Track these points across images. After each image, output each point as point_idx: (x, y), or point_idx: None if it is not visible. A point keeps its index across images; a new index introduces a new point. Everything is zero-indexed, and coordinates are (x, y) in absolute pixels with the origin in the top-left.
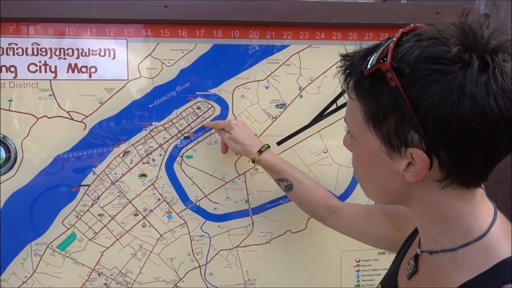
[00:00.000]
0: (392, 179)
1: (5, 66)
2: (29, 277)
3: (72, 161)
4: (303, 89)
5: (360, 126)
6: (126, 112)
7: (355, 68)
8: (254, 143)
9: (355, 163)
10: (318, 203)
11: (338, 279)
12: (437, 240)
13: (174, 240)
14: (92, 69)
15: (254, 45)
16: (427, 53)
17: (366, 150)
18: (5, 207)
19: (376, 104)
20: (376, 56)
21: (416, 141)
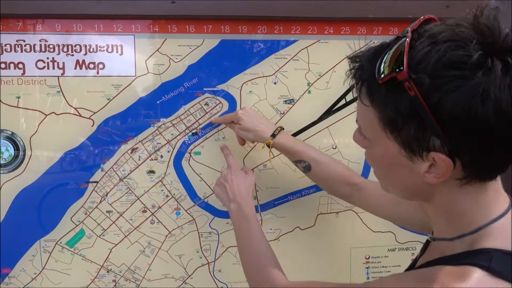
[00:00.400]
0: (412, 179)
1: (13, 62)
2: (38, 274)
3: (80, 158)
4: (311, 84)
5: (376, 131)
6: (134, 109)
7: (365, 72)
8: (266, 128)
9: (370, 163)
10: (338, 182)
11: (348, 276)
12: (442, 230)
13: (182, 237)
14: (99, 65)
15: (262, 41)
16: (445, 58)
17: (384, 154)
18: (14, 204)
19: (394, 113)
20: (388, 61)
21: (438, 146)
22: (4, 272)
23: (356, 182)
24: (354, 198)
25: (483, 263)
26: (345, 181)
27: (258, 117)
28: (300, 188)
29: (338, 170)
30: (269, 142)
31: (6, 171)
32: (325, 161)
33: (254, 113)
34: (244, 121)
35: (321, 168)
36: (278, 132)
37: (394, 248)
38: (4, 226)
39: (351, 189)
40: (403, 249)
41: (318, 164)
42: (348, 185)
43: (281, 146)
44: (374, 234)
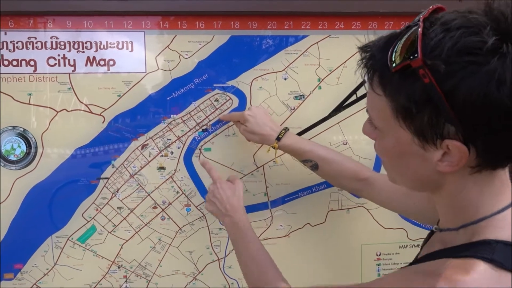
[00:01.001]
0: (424, 168)
1: (24, 60)
2: (50, 269)
3: (91, 154)
4: (322, 80)
5: (388, 120)
6: (144, 105)
7: (377, 62)
8: (271, 131)
9: (381, 154)
10: (347, 178)
11: (358, 272)
12: (448, 221)
13: (193, 233)
14: (110, 62)
15: (272, 36)
16: (459, 44)
17: (396, 143)
18: (26, 200)
19: (407, 100)
20: (400, 48)
21: (453, 133)
22: (17, 267)
23: (365, 176)
24: (365, 193)
25: (486, 255)
26: (354, 176)
27: (264, 119)
28: (311, 185)
29: (347, 166)
30: (274, 145)
31: (18, 167)
32: (333, 158)
33: (261, 113)
34: (250, 123)
35: (329, 165)
36: (283, 135)
37: (405, 245)
38: (16, 222)
39: (361, 184)
40: (415, 246)
41: (325, 162)
42: (357, 181)
43: (287, 148)
44: (385, 231)
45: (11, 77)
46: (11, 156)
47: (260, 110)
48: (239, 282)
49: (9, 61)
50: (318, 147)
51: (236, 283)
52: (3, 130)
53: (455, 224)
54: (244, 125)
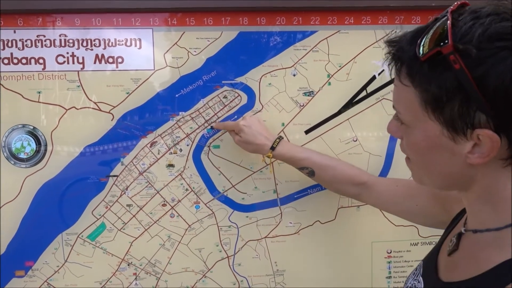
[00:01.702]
0: (454, 162)
1: (34, 58)
2: (61, 267)
3: (101, 152)
4: (331, 76)
5: (416, 113)
6: (152, 102)
7: (405, 54)
8: (266, 140)
9: (409, 150)
10: (344, 183)
11: (369, 270)
12: (484, 220)
13: (202, 231)
14: (118, 59)
15: (281, 32)
16: (490, 30)
17: (425, 136)
18: (36, 197)
19: (437, 89)
20: (429, 39)
21: (484, 122)
22: (28, 265)
23: (363, 180)
24: (364, 197)
25: None
26: (351, 181)
27: (259, 128)
28: None
29: (343, 172)
30: (268, 155)
31: (28, 165)
32: (329, 165)
33: (255, 123)
34: (244, 133)
35: (325, 172)
36: (277, 144)
37: (416, 243)
38: (27, 219)
39: (359, 188)
40: (426, 243)
41: (321, 168)
42: (355, 185)
43: (282, 156)
44: (396, 228)
45: (20, 75)
46: (21, 154)
47: (254, 120)
48: (248, 280)
49: (19, 59)
50: (313, 154)
51: (246, 281)
52: (13, 128)
53: (496, 223)
54: (238, 135)
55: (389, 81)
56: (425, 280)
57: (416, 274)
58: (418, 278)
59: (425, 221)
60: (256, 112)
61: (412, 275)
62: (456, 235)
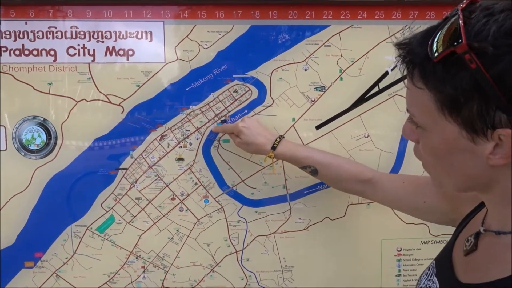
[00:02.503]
0: (474, 164)
1: (45, 49)
2: (70, 258)
3: (110, 145)
4: (343, 71)
5: (432, 115)
6: (163, 96)
7: (416, 56)
8: (266, 140)
9: (426, 154)
10: (349, 181)
11: (378, 268)
12: (507, 222)
13: (211, 225)
14: (129, 52)
15: (293, 26)
16: (505, 26)
17: (442, 139)
18: (46, 189)
19: (454, 90)
20: (441, 39)
21: (505, 121)
22: (37, 256)
23: (367, 177)
24: (369, 194)
25: None
26: (355, 178)
27: (258, 129)
28: None
29: (347, 169)
30: (270, 155)
31: (38, 157)
32: (332, 162)
33: (254, 124)
34: (244, 135)
35: (329, 170)
36: (278, 143)
37: (427, 241)
38: (36, 211)
39: (364, 185)
40: (437, 242)
41: (324, 166)
42: (360, 182)
43: (283, 156)
44: (406, 226)
45: (31, 67)
46: (32, 145)
47: (253, 121)
48: (256, 275)
49: (30, 51)
50: (315, 152)
51: (254, 276)
52: (23, 119)
53: None
54: (238, 137)
55: (402, 77)
56: (440, 280)
57: (429, 274)
58: (432, 279)
59: (433, 218)
60: (267, 107)
61: (424, 275)
62: (474, 235)
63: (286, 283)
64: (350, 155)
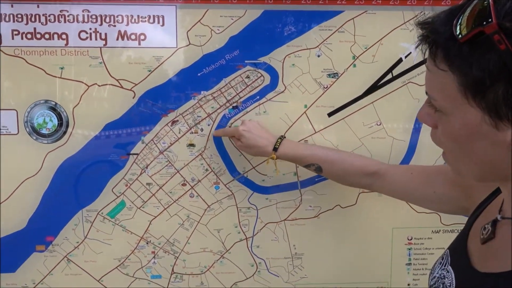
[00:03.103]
0: (495, 151)
1: (56, 33)
2: (81, 243)
3: (122, 130)
4: (357, 57)
5: (454, 99)
6: (174, 81)
7: (440, 36)
8: (267, 142)
9: (444, 139)
10: (354, 175)
11: (389, 256)
12: None
13: (221, 211)
14: (141, 36)
15: (306, 11)
16: None
17: (463, 124)
18: (57, 173)
19: (480, 73)
20: (467, 18)
21: None
22: (48, 240)
23: (373, 170)
24: (377, 187)
25: None
26: (361, 172)
27: (259, 131)
28: None
29: (351, 163)
30: (272, 156)
31: (50, 141)
32: (335, 158)
33: (255, 126)
34: (245, 138)
35: (332, 166)
36: (279, 144)
37: (438, 230)
38: (48, 195)
39: (370, 178)
40: (448, 231)
41: (327, 163)
42: (365, 176)
43: (285, 156)
44: (417, 215)
45: (43, 51)
46: (43, 129)
47: (254, 124)
48: (266, 262)
49: (42, 34)
50: (317, 149)
51: (264, 263)
52: (35, 103)
53: None
54: (239, 140)
55: (416, 64)
56: (455, 269)
57: (443, 263)
58: (446, 268)
59: (444, 208)
60: (279, 93)
61: (438, 264)
62: (491, 223)
63: (296, 270)
64: (362, 142)
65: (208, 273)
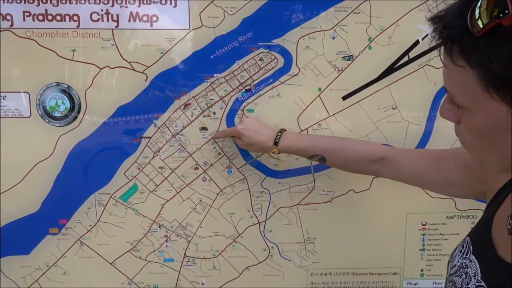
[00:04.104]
0: None
1: (68, 15)
2: (93, 226)
3: (134, 113)
4: (372, 39)
5: (475, 95)
6: (187, 63)
7: (454, 30)
8: (267, 137)
9: (469, 135)
10: (360, 162)
11: (402, 242)
12: None
13: (233, 196)
14: (153, 18)
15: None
16: None
17: (488, 119)
18: (70, 157)
19: (500, 66)
20: (483, 10)
21: None
22: (61, 223)
23: (379, 156)
24: (384, 172)
25: None
26: (366, 159)
27: (258, 127)
28: None
29: (355, 151)
30: (274, 150)
31: (62, 124)
32: (338, 147)
33: (253, 123)
34: (245, 136)
35: (336, 155)
36: (279, 138)
37: (453, 216)
38: (60, 178)
39: (377, 164)
40: (463, 217)
41: (331, 152)
42: (371, 162)
43: (288, 149)
44: (432, 200)
45: (55, 33)
46: (55, 112)
47: (252, 120)
48: (279, 247)
49: (53, 16)
50: (319, 139)
51: (276, 248)
52: (47, 86)
53: None
54: (239, 139)
55: (433, 46)
56: (480, 259)
57: (464, 252)
58: (469, 257)
59: (458, 193)
60: (293, 76)
61: (458, 252)
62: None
63: (308, 255)
64: (377, 126)
65: (220, 257)
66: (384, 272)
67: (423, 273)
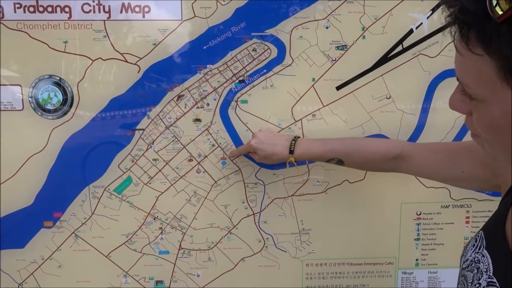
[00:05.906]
0: None
1: (59, 6)
2: (88, 219)
3: (127, 105)
4: (366, 29)
5: (492, 85)
6: (179, 54)
7: (471, 15)
8: (282, 147)
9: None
10: (377, 161)
11: (397, 232)
12: None
13: (228, 187)
14: (145, 8)
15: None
16: None
17: (504, 112)
18: (63, 150)
19: None
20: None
21: None
22: (56, 216)
23: (396, 153)
24: (402, 168)
25: None
26: (383, 157)
27: (271, 139)
28: None
29: (372, 151)
30: (290, 159)
31: (55, 117)
32: (354, 148)
33: (266, 136)
34: (260, 150)
35: (353, 157)
36: (294, 146)
37: (447, 205)
38: (54, 171)
39: (395, 162)
40: (458, 206)
41: (347, 155)
42: (388, 160)
43: (304, 156)
44: (426, 190)
45: (46, 24)
46: (48, 105)
47: (264, 133)
48: (274, 238)
49: (44, 8)
50: (334, 143)
51: (271, 239)
52: (39, 78)
53: None
54: (256, 154)
55: (427, 35)
56: (493, 254)
57: (477, 246)
58: (482, 252)
59: (476, 186)
60: (286, 66)
61: (471, 246)
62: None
63: (304, 245)
64: (371, 116)
65: (216, 248)
66: (379, 262)
67: (418, 262)
